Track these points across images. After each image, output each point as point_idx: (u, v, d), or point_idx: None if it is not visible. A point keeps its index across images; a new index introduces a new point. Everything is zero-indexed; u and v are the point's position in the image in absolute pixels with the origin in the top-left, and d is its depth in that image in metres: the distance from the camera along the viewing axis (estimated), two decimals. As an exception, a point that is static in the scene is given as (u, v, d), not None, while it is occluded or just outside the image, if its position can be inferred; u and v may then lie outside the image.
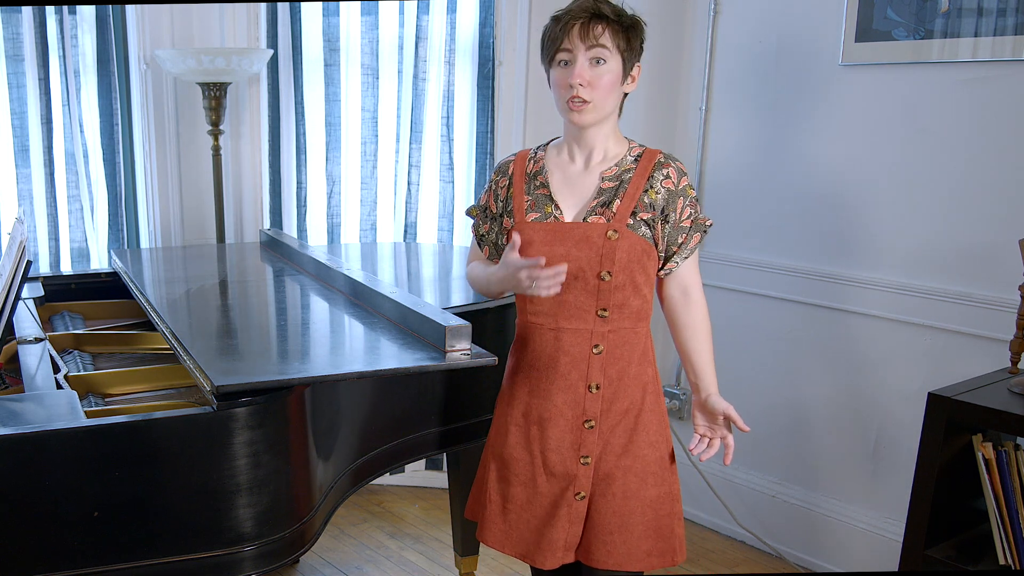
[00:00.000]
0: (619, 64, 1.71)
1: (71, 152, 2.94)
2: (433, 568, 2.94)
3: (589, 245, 1.73)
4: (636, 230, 1.73)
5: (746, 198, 3.05)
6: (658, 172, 1.75)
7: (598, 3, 1.70)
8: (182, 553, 1.56)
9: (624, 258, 1.72)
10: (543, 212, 1.78)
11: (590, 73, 1.69)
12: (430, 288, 2.59)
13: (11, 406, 1.62)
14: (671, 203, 1.75)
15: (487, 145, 3.29)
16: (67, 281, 2.61)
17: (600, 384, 1.77)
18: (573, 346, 1.77)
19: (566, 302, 1.76)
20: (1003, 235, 2.42)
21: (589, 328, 1.76)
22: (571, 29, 1.69)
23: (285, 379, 1.63)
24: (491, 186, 1.89)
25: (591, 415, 1.78)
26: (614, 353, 1.77)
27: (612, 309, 1.75)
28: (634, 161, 1.77)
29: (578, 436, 1.79)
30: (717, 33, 3.07)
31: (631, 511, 1.78)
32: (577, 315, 1.76)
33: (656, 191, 1.74)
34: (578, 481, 1.79)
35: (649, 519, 1.80)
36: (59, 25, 2.84)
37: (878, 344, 2.74)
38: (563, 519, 1.80)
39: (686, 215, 1.76)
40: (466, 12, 3.22)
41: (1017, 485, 2.01)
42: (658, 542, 1.81)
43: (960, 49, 2.47)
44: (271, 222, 3.29)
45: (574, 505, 1.80)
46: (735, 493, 3.18)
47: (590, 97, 1.70)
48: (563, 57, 1.71)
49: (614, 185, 1.75)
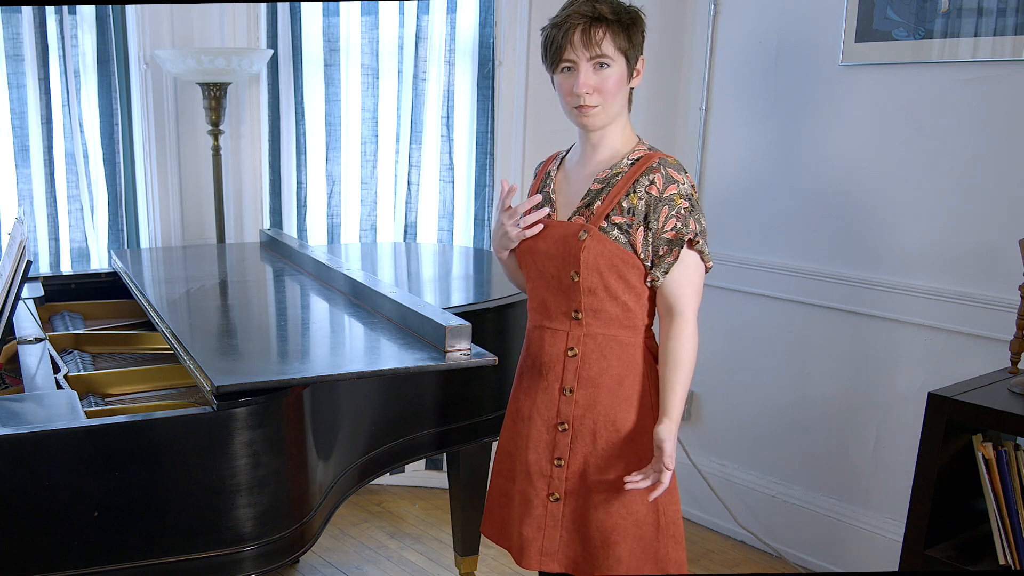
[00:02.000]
0: (623, 64, 1.69)
1: (71, 152, 2.94)
2: (433, 568, 2.94)
3: (564, 244, 1.73)
4: (608, 233, 1.69)
5: (746, 198, 3.05)
6: (644, 177, 1.69)
7: (596, 4, 1.66)
8: (182, 553, 1.56)
9: (591, 260, 1.69)
10: None
11: (595, 79, 1.67)
12: (430, 288, 2.59)
13: (11, 406, 1.62)
14: (654, 210, 1.68)
15: (487, 145, 3.29)
16: (67, 281, 2.61)
17: (573, 388, 1.76)
18: (552, 346, 1.78)
19: (547, 301, 1.79)
20: (1003, 235, 2.42)
21: (565, 330, 1.77)
22: (572, 36, 1.65)
23: (285, 379, 1.63)
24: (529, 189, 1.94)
25: (564, 418, 1.78)
26: (590, 358, 1.74)
27: (585, 312, 1.73)
28: (629, 164, 1.73)
29: (552, 437, 1.79)
30: (717, 33, 3.07)
31: (613, 528, 1.74)
32: (556, 316, 1.78)
33: (638, 196, 1.68)
34: (552, 483, 1.79)
35: (633, 541, 1.75)
36: (59, 25, 2.83)
37: (878, 344, 2.74)
38: (538, 519, 1.80)
39: (669, 226, 1.67)
40: (466, 12, 3.22)
41: (1017, 485, 2.01)
42: (651, 567, 1.75)
43: (960, 49, 2.47)
44: (271, 222, 3.29)
45: (548, 506, 1.80)
46: (735, 493, 3.18)
47: (597, 102, 1.68)
48: (566, 64, 1.69)
49: (601, 187, 1.73)
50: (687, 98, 3.20)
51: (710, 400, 3.15)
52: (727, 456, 3.21)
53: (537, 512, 1.81)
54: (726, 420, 3.18)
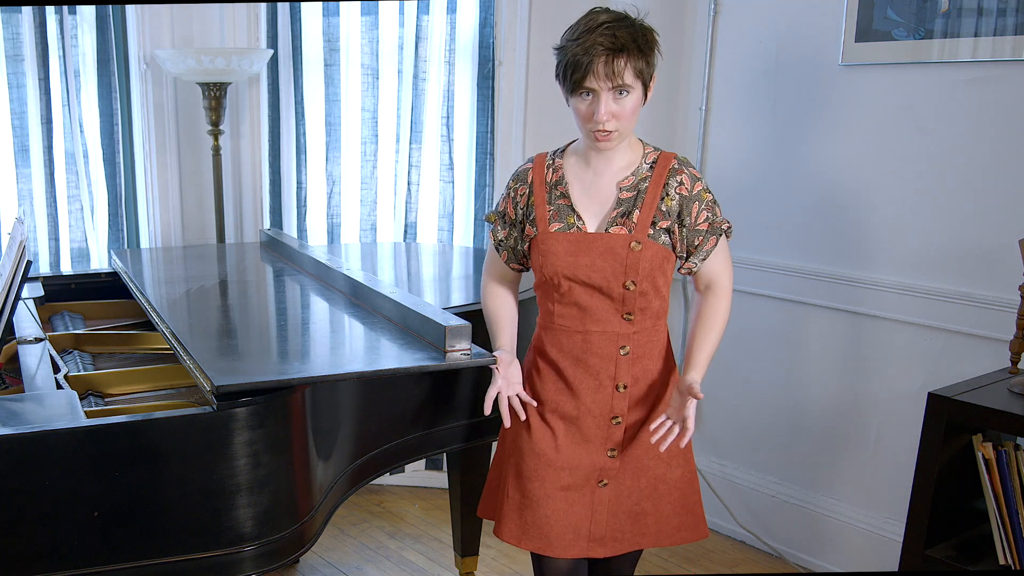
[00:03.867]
0: (640, 88, 1.74)
1: (71, 152, 2.94)
2: (433, 568, 2.94)
3: (613, 256, 1.78)
4: (656, 239, 1.79)
5: (745, 198, 3.04)
6: (672, 179, 1.80)
7: (616, 30, 1.68)
8: (182, 553, 1.56)
9: (647, 267, 1.78)
10: (566, 223, 1.82)
11: (615, 107, 1.72)
12: (430, 288, 2.59)
13: (11, 406, 1.62)
14: (686, 208, 1.80)
15: (487, 145, 3.29)
16: (67, 281, 2.61)
17: (627, 384, 1.85)
18: (601, 347, 1.83)
19: (591, 308, 1.82)
20: (1003, 235, 2.42)
21: (615, 331, 1.83)
22: (595, 67, 1.68)
23: (285, 379, 1.63)
24: (509, 192, 1.92)
25: (618, 412, 1.86)
26: (639, 352, 1.85)
27: (636, 312, 1.82)
28: (649, 168, 1.81)
29: (606, 431, 1.87)
30: (717, 33, 3.07)
31: (661, 493, 1.91)
32: (603, 319, 1.83)
33: (672, 198, 1.79)
34: (604, 471, 1.88)
35: (676, 498, 1.92)
36: (59, 25, 2.83)
37: (878, 344, 2.74)
38: (586, 508, 1.88)
39: (702, 219, 1.81)
40: (466, 12, 3.22)
41: (1017, 485, 2.01)
42: (686, 517, 1.94)
43: (960, 49, 2.47)
44: (271, 222, 3.29)
45: (597, 492, 1.88)
46: (735, 493, 3.18)
47: (615, 127, 1.73)
48: (586, 91, 1.71)
49: (632, 195, 1.80)
50: (687, 98, 3.20)
51: (710, 400, 3.14)
52: (727, 456, 3.21)
53: (586, 501, 1.88)
54: (726, 420, 3.18)
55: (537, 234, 1.84)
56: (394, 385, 2.01)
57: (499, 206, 1.95)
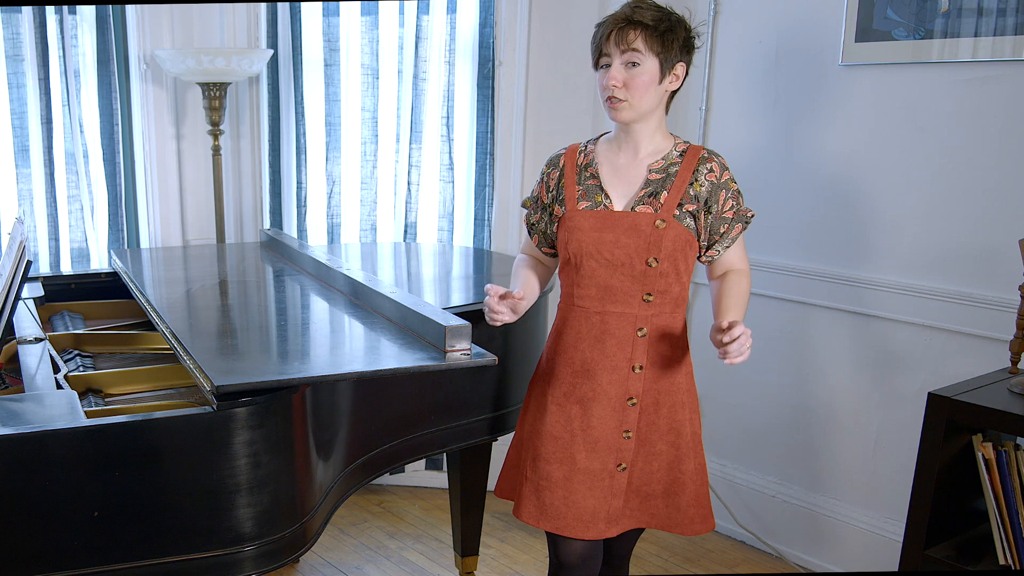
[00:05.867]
0: (655, 65, 1.82)
1: (71, 152, 2.94)
2: (433, 568, 2.94)
3: (637, 233, 1.84)
4: (682, 220, 1.85)
5: (745, 198, 3.03)
6: (703, 166, 1.87)
7: (637, 9, 1.81)
8: (182, 553, 1.56)
9: (670, 246, 1.84)
10: (593, 201, 1.89)
11: (624, 75, 1.81)
12: (430, 288, 2.59)
13: (11, 406, 1.62)
14: (714, 195, 1.86)
15: (487, 145, 3.29)
16: (67, 281, 2.61)
17: (644, 365, 1.89)
18: (619, 328, 1.87)
19: (612, 287, 1.87)
20: (1003, 235, 2.42)
21: (634, 312, 1.87)
22: (608, 36, 1.81)
23: (285, 379, 1.63)
24: (543, 178, 2.01)
25: (634, 393, 1.90)
26: (656, 335, 1.89)
27: (656, 294, 1.87)
28: (679, 156, 1.89)
29: (621, 413, 1.90)
30: (717, 33, 3.07)
31: (674, 481, 1.95)
32: (623, 300, 1.87)
33: (700, 184, 1.86)
34: (621, 454, 1.92)
35: (690, 489, 1.96)
36: (59, 25, 2.83)
37: (878, 344, 2.74)
38: (604, 491, 1.92)
39: (728, 207, 1.88)
40: (466, 12, 3.22)
41: (1017, 485, 2.01)
42: (699, 509, 1.97)
43: (960, 49, 2.47)
44: (271, 222, 3.29)
45: (616, 476, 1.92)
46: (735, 493, 3.18)
47: (625, 96, 1.82)
48: (604, 61, 1.84)
49: (661, 177, 1.87)
50: (687, 98, 3.20)
51: (710, 400, 3.14)
52: (727, 456, 3.21)
53: (604, 484, 1.92)
54: (726, 420, 3.18)
55: (565, 212, 1.91)
56: (394, 385, 2.02)
57: (533, 192, 2.03)
